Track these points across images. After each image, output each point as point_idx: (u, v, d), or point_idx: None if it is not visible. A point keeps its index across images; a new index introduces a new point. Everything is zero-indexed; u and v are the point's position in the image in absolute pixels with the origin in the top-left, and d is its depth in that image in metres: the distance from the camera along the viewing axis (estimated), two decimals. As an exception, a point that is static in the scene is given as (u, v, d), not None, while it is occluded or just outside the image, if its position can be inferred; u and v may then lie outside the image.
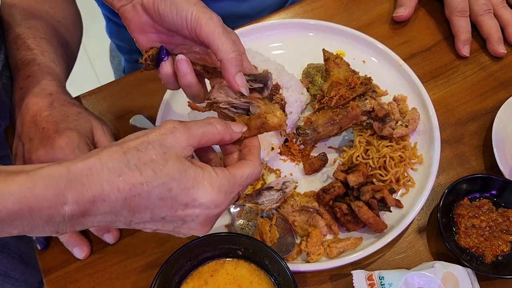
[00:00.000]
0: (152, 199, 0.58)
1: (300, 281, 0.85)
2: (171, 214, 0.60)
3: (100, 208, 0.55)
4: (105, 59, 1.80)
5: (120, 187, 0.55)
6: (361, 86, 0.92)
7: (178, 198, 0.59)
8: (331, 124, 0.91)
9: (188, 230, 0.64)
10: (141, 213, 0.59)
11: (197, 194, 0.61)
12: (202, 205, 0.61)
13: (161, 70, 0.74)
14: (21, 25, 0.98)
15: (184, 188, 0.60)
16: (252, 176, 0.68)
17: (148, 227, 0.62)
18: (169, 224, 0.62)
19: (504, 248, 0.86)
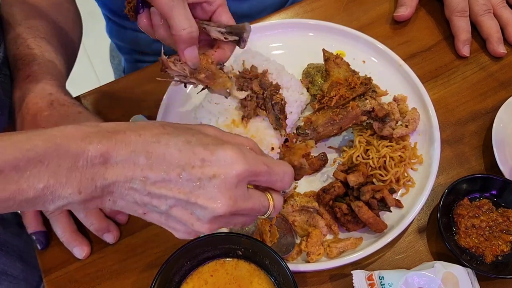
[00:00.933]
0: (170, 149, 0.57)
1: (300, 281, 0.85)
2: (188, 171, 0.57)
3: (120, 151, 0.55)
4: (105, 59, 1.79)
5: (142, 134, 0.57)
6: (361, 86, 0.92)
7: (196, 151, 0.57)
8: (331, 124, 0.91)
9: (205, 200, 0.58)
10: (158, 165, 0.56)
11: (215, 149, 0.58)
12: (219, 161, 0.57)
13: (139, 21, 0.76)
14: (21, 25, 0.98)
15: (204, 143, 0.59)
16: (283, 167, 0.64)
17: (163, 192, 0.58)
18: (185, 187, 0.57)
19: (504, 248, 0.86)
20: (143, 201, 0.59)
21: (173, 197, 0.58)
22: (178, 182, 0.57)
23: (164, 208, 0.59)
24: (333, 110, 0.91)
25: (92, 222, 0.88)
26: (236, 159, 0.58)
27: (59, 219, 0.88)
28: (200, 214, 0.59)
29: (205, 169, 0.57)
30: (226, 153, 0.58)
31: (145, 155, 0.56)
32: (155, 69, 1.11)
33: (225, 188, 0.58)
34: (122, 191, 0.58)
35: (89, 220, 0.88)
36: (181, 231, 0.63)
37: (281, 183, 0.64)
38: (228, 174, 0.57)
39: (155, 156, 0.57)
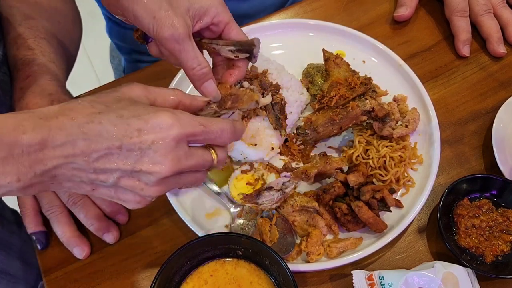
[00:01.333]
0: (105, 126, 0.59)
1: (300, 281, 0.85)
2: (126, 142, 0.59)
3: (56, 137, 0.56)
4: (105, 59, 1.80)
5: (74, 117, 0.58)
6: (361, 86, 0.92)
7: (131, 123, 0.60)
8: (331, 124, 0.91)
9: (150, 166, 0.60)
10: (97, 142, 0.58)
11: (149, 117, 0.60)
12: (155, 127, 0.60)
13: (149, 49, 0.78)
14: (21, 25, 0.98)
15: (136, 114, 0.61)
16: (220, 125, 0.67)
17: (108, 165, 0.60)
18: (127, 158, 0.60)
19: (504, 248, 0.86)
20: (90, 178, 0.61)
21: (118, 169, 0.60)
22: (120, 154, 0.60)
23: (111, 180, 0.61)
24: (333, 110, 0.91)
25: (92, 222, 0.88)
26: (170, 123, 0.61)
27: (59, 219, 0.88)
28: (146, 179, 0.62)
29: (143, 137, 0.60)
30: (160, 120, 0.61)
31: (82, 136, 0.58)
32: (155, 69, 1.11)
33: (166, 151, 0.61)
34: (65, 173, 0.59)
35: (89, 220, 0.88)
36: (131, 201, 0.65)
37: (220, 139, 0.68)
38: (166, 138, 0.60)
39: (92, 135, 0.58)
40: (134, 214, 0.94)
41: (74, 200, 0.87)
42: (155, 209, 0.94)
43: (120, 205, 0.91)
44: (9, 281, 1.08)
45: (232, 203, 0.92)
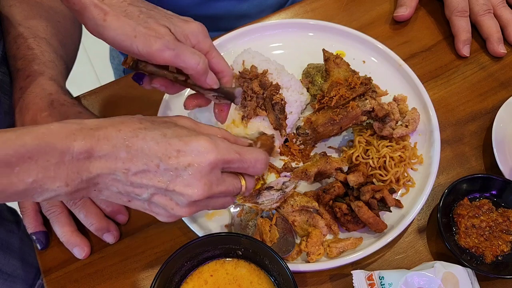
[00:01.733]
0: (147, 142, 0.62)
1: (300, 281, 0.85)
2: (165, 161, 0.62)
3: (102, 146, 0.60)
4: (105, 59, 1.79)
5: (121, 129, 0.62)
6: (361, 86, 0.92)
7: (172, 142, 0.63)
8: (331, 124, 0.91)
9: (182, 187, 0.63)
10: (138, 157, 0.62)
11: (189, 140, 0.64)
12: (193, 151, 0.63)
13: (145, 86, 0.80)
14: (21, 25, 0.98)
15: (178, 135, 0.64)
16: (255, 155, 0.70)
17: (144, 182, 0.63)
18: (163, 176, 0.63)
19: (504, 248, 0.86)
20: (126, 191, 0.64)
21: (153, 186, 0.63)
22: (157, 172, 0.63)
23: (145, 196, 0.65)
24: (333, 110, 0.91)
25: (92, 222, 0.88)
26: (209, 149, 0.64)
27: (59, 219, 0.88)
28: (178, 200, 0.65)
29: (181, 159, 0.63)
30: (199, 143, 0.63)
31: (125, 149, 0.61)
32: (155, 69, 1.11)
33: (200, 175, 0.64)
34: (106, 182, 0.63)
35: (89, 220, 0.88)
36: (163, 215, 0.68)
37: (253, 169, 0.71)
38: (202, 162, 0.63)
39: (134, 150, 0.62)
40: (134, 214, 0.94)
41: (74, 200, 0.87)
42: (155, 209, 0.94)
43: (120, 205, 0.91)
44: (6, 280, 1.08)
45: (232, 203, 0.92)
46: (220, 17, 1.25)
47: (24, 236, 1.13)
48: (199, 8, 1.21)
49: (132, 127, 0.63)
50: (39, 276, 1.16)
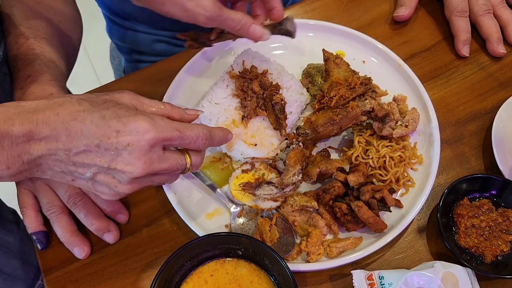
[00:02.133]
0: (87, 125, 0.63)
1: (300, 281, 0.85)
2: (104, 141, 0.64)
3: (42, 130, 0.62)
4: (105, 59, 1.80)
5: (60, 113, 0.63)
6: (361, 86, 0.92)
7: (110, 124, 0.64)
8: (331, 124, 0.91)
9: (123, 166, 0.65)
10: (78, 139, 0.63)
11: (128, 120, 0.65)
12: (132, 131, 0.64)
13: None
14: (22, 25, 0.98)
15: (117, 116, 0.65)
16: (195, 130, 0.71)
17: (86, 161, 0.65)
18: (104, 156, 0.64)
19: (504, 248, 0.86)
20: (69, 170, 0.66)
21: (95, 165, 0.65)
22: (98, 152, 0.65)
23: (88, 175, 0.67)
24: (333, 110, 0.91)
25: (92, 222, 0.88)
26: (147, 128, 0.65)
27: (60, 219, 0.88)
28: (120, 177, 0.67)
29: (120, 139, 0.64)
30: (137, 123, 0.65)
31: (65, 132, 0.63)
32: (155, 69, 1.11)
33: (140, 154, 0.65)
34: (48, 162, 0.65)
35: (89, 220, 0.88)
36: (107, 193, 0.71)
37: (194, 144, 0.72)
38: (141, 141, 0.65)
39: (73, 132, 0.63)
40: (134, 214, 0.94)
41: (74, 200, 0.88)
42: (155, 209, 0.94)
43: (121, 205, 0.92)
44: (5, 280, 1.08)
45: (232, 203, 0.92)
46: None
47: (24, 236, 1.13)
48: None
49: (70, 110, 0.64)
50: (39, 276, 1.16)
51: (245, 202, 0.89)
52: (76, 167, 0.66)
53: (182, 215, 0.89)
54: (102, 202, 0.90)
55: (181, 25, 1.29)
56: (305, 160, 0.90)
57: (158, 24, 1.29)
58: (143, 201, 0.95)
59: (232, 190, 0.91)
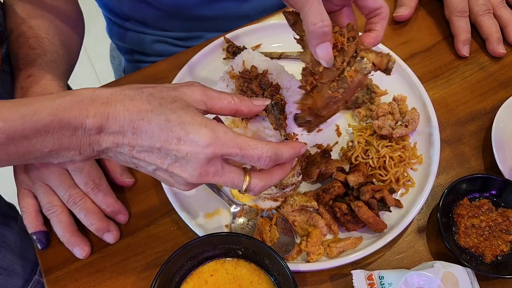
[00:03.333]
0: (152, 126, 0.65)
1: (300, 281, 0.85)
2: (166, 147, 0.65)
3: (111, 125, 0.65)
4: (105, 59, 1.80)
5: (129, 109, 0.65)
6: (350, 43, 0.73)
7: (174, 130, 0.65)
8: (334, 102, 0.76)
9: (180, 171, 0.67)
10: (142, 139, 0.65)
11: (191, 129, 0.65)
12: (192, 142, 0.65)
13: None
14: (24, 24, 0.98)
15: (181, 122, 0.65)
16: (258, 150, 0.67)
17: (147, 159, 0.67)
18: (164, 159, 0.66)
19: (504, 248, 0.86)
20: (133, 162, 0.69)
21: (154, 164, 0.68)
22: (159, 154, 0.66)
23: (149, 169, 0.69)
24: (329, 86, 0.75)
25: (92, 222, 0.88)
26: (208, 142, 0.65)
27: (60, 219, 0.88)
28: (177, 179, 0.69)
29: (180, 147, 0.65)
30: (198, 135, 0.65)
31: (131, 130, 0.65)
32: (155, 69, 1.11)
33: (197, 165, 0.66)
34: (115, 152, 0.68)
35: (89, 220, 0.88)
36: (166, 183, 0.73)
37: (256, 164, 0.69)
38: (199, 154, 0.65)
39: (139, 131, 0.65)
40: (134, 214, 0.94)
41: (74, 200, 0.88)
42: (155, 209, 0.94)
43: (121, 205, 0.92)
44: (2, 274, 1.08)
45: (232, 203, 0.92)
46: (221, 17, 1.25)
47: (21, 231, 1.14)
48: (200, 8, 1.22)
49: (140, 108, 0.65)
50: (35, 271, 1.16)
51: (245, 202, 0.89)
52: (138, 161, 0.68)
53: (182, 215, 0.89)
54: (102, 202, 0.90)
55: (182, 26, 1.30)
56: (305, 160, 0.90)
57: (158, 24, 1.29)
58: (143, 201, 0.95)
59: (232, 190, 0.91)
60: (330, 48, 0.71)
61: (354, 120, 1.02)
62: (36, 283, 1.18)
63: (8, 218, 1.13)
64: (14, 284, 1.13)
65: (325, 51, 0.71)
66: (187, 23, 1.27)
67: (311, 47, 0.72)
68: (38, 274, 1.18)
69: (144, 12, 1.25)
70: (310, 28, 0.69)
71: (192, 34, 1.30)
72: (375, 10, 0.77)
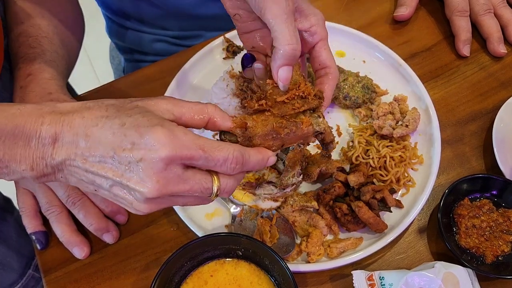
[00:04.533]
0: (105, 131, 0.58)
1: (300, 281, 0.85)
2: (118, 153, 0.57)
3: (65, 133, 0.59)
4: (105, 59, 1.79)
5: (84, 116, 0.59)
6: (314, 99, 0.72)
7: (127, 133, 0.58)
8: (273, 138, 0.69)
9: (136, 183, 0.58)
10: (94, 147, 0.58)
11: (145, 131, 0.57)
12: (147, 144, 0.57)
13: (245, 73, 0.76)
14: (24, 23, 0.98)
15: (137, 125, 0.58)
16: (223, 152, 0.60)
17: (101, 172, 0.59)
18: (117, 169, 0.58)
19: (505, 248, 0.85)
20: (88, 179, 0.61)
21: (109, 178, 0.59)
22: (112, 164, 0.59)
23: (106, 186, 0.61)
24: (278, 120, 0.70)
25: (92, 222, 0.88)
26: (163, 143, 0.57)
27: (59, 219, 0.88)
28: (134, 195, 0.60)
29: (134, 152, 0.57)
30: (153, 136, 0.57)
31: (84, 138, 0.59)
32: (155, 69, 1.11)
33: (152, 172, 0.57)
34: (69, 169, 0.61)
35: (88, 220, 0.88)
36: (128, 207, 0.63)
37: (221, 168, 0.61)
38: (154, 158, 0.57)
39: (92, 139, 0.59)
40: (134, 214, 0.93)
41: (73, 200, 0.87)
42: (155, 209, 0.94)
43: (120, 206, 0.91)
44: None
45: (232, 203, 0.91)
46: (221, 17, 1.24)
47: (17, 226, 1.13)
48: (199, 8, 1.21)
49: (96, 115, 0.59)
50: (30, 265, 1.16)
51: (245, 202, 0.89)
52: (93, 176, 0.60)
53: (182, 215, 0.89)
54: (101, 202, 0.90)
55: (181, 25, 1.29)
56: (305, 160, 0.90)
57: (158, 24, 1.29)
58: (143, 201, 0.95)
59: (232, 191, 0.91)
60: (291, 73, 0.69)
61: (355, 120, 1.02)
62: (30, 278, 1.18)
63: (4, 212, 1.13)
64: (8, 278, 1.13)
65: (286, 74, 0.69)
66: (186, 22, 1.27)
67: (274, 66, 0.69)
68: (33, 268, 1.18)
69: (144, 11, 1.25)
70: (282, 48, 0.66)
71: (192, 33, 1.30)
72: (325, 67, 0.76)
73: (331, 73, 0.76)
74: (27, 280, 1.17)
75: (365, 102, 1.01)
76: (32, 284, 1.20)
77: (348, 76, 1.01)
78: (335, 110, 1.03)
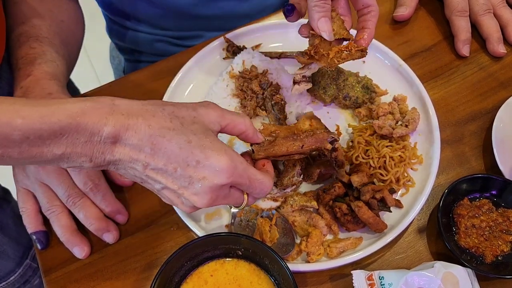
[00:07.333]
0: (172, 145, 0.65)
1: (300, 281, 0.85)
2: (183, 168, 0.65)
3: (130, 137, 0.64)
4: (105, 59, 1.79)
5: (151, 125, 0.65)
6: (357, 51, 0.84)
7: (194, 152, 0.65)
8: (293, 139, 0.81)
9: (190, 194, 0.67)
10: (159, 157, 0.65)
11: (211, 154, 0.66)
12: (211, 167, 0.66)
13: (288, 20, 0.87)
14: (24, 23, 0.98)
15: (202, 145, 0.66)
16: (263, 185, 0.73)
17: (158, 179, 0.67)
18: (177, 180, 0.67)
19: (504, 248, 0.86)
20: (141, 178, 0.69)
21: (165, 184, 0.68)
22: (173, 175, 0.66)
23: (157, 187, 0.69)
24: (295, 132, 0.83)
25: (92, 222, 0.88)
26: (225, 170, 0.66)
27: (59, 218, 0.88)
28: (184, 201, 0.70)
29: (198, 170, 0.66)
30: (218, 162, 0.66)
31: (150, 146, 0.65)
32: (155, 69, 1.11)
33: (210, 190, 0.67)
34: (125, 166, 0.67)
35: (88, 220, 0.88)
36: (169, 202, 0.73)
37: (257, 193, 0.75)
38: (215, 180, 0.66)
39: (157, 148, 0.65)
40: (134, 214, 0.94)
41: (73, 200, 0.88)
42: (155, 209, 0.94)
43: (120, 205, 0.92)
44: None
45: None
46: (221, 17, 1.25)
47: (14, 215, 1.14)
48: (199, 8, 1.22)
49: (161, 125, 0.65)
50: (27, 255, 1.16)
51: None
52: (147, 178, 0.68)
53: (182, 215, 0.89)
54: (101, 202, 0.90)
55: (181, 25, 1.29)
56: (305, 160, 0.90)
57: (158, 24, 1.29)
58: (142, 201, 0.95)
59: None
60: (330, 23, 0.80)
61: (354, 120, 1.02)
62: (27, 267, 1.18)
63: (1, 200, 1.13)
64: (4, 266, 1.13)
65: (326, 26, 0.80)
66: (187, 22, 1.27)
67: (312, 22, 0.80)
68: (30, 258, 1.18)
69: (144, 11, 1.25)
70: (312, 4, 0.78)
71: (192, 33, 1.30)
72: (368, 6, 0.85)
73: (373, 11, 0.85)
74: (24, 270, 1.17)
75: (365, 102, 1.01)
76: (30, 274, 1.20)
77: (348, 76, 1.01)
78: (335, 110, 1.03)
